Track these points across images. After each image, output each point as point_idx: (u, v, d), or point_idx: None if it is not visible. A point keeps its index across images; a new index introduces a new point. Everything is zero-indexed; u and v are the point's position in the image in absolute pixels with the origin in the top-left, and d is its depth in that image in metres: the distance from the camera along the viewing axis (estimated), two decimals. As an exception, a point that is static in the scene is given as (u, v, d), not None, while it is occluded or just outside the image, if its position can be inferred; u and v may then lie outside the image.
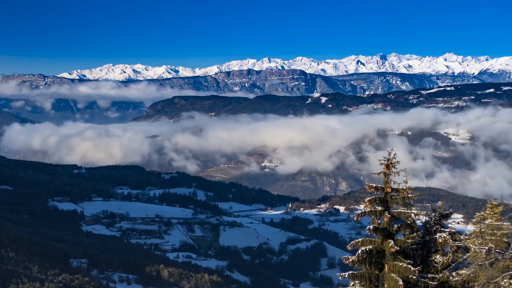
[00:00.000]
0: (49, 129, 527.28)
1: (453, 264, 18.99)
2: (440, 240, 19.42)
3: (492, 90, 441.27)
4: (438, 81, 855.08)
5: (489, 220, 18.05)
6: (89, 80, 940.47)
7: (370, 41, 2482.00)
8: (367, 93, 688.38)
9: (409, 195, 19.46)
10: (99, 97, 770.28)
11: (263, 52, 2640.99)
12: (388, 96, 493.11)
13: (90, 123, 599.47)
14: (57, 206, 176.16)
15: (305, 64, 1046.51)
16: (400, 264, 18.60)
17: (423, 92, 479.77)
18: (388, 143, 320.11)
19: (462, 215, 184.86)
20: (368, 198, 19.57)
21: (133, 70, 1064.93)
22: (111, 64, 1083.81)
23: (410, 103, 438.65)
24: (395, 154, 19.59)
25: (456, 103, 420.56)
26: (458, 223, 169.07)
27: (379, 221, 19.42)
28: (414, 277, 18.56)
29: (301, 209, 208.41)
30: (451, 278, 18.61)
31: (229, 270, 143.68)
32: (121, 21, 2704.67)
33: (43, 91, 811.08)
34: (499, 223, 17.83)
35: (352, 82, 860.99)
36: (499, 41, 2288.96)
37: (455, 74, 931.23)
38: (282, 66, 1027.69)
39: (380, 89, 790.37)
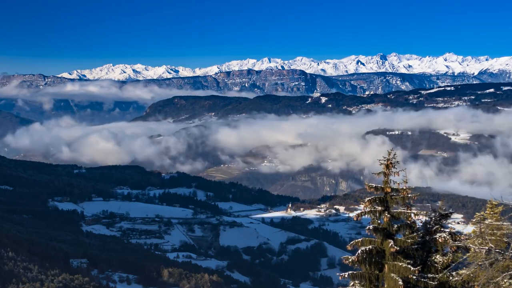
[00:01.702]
0: (49, 129, 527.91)
1: (453, 264, 18.98)
2: (440, 240, 19.41)
3: (492, 90, 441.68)
4: (438, 81, 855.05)
5: (489, 220, 18.04)
6: (89, 80, 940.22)
7: (370, 41, 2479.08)
8: (367, 93, 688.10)
9: (409, 195, 19.47)
10: (99, 97, 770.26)
11: (263, 52, 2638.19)
12: (388, 96, 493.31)
13: (90, 123, 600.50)
14: (57, 206, 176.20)
15: (305, 64, 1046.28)
16: (400, 264, 18.60)
17: (423, 92, 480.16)
18: (388, 143, 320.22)
19: (462, 215, 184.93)
20: (368, 198, 19.56)
21: (133, 70, 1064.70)
22: (111, 64, 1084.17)
23: (410, 103, 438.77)
24: (394, 154, 19.61)
25: (456, 103, 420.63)
26: (458, 223, 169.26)
27: (379, 221, 19.42)
28: (414, 277, 18.56)
29: (301, 209, 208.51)
30: (451, 278, 18.61)
31: (229, 270, 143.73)
32: (121, 21, 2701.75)
33: (43, 91, 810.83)
34: (499, 223, 17.82)
35: (352, 82, 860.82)
36: (499, 41, 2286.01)
37: (455, 74, 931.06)
38: (282, 66, 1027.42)
39: (380, 89, 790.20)
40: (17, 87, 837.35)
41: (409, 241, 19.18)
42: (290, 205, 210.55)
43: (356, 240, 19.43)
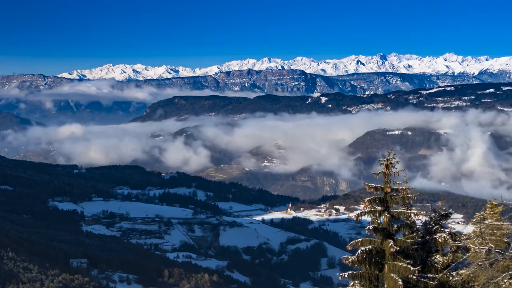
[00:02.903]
0: (49, 129, 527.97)
1: (453, 264, 18.97)
2: (440, 240, 19.40)
3: (492, 90, 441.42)
4: (438, 81, 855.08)
5: (489, 220, 18.03)
6: (89, 80, 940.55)
7: (370, 41, 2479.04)
8: (367, 93, 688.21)
9: (409, 195, 19.44)
10: (99, 97, 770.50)
11: (263, 52, 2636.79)
12: (388, 96, 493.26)
13: (90, 123, 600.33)
14: (57, 206, 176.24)
15: (305, 64, 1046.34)
16: (400, 264, 18.58)
17: (423, 92, 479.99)
18: (388, 143, 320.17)
19: (462, 215, 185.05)
20: (368, 198, 19.54)
21: (133, 70, 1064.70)
22: (111, 64, 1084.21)
23: (410, 103, 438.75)
24: (394, 154, 19.59)
25: (456, 103, 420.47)
26: (458, 223, 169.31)
27: (379, 221, 19.40)
28: (414, 277, 18.54)
29: (301, 209, 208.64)
30: (451, 278, 18.60)
31: (229, 270, 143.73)
32: (121, 21, 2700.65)
33: (43, 91, 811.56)
34: (499, 223, 17.81)
35: (352, 82, 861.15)
36: (499, 41, 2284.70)
37: (455, 74, 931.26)
38: (282, 66, 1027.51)
39: (380, 89, 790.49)
40: (17, 87, 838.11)
41: (409, 241, 19.17)
42: (290, 205, 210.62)
43: (356, 240, 19.41)
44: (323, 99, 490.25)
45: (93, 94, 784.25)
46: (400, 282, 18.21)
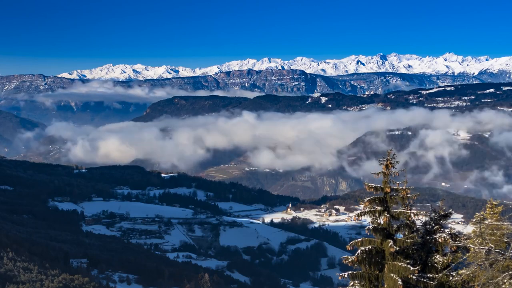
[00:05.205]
0: (49, 129, 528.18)
1: (453, 264, 18.97)
2: (440, 240, 19.40)
3: (492, 90, 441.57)
4: (438, 81, 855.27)
5: (489, 220, 18.04)
6: (89, 80, 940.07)
7: (370, 41, 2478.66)
8: (367, 93, 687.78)
9: (409, 195, 19.45)
10: (99, 97, 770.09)
11: (263, 52, 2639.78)
12: (388, 96, 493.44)
13: (90, 123, 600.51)
14: (57, 206, 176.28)
15: (305, 64, 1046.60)
16: (400, 264, 18.57)
17: (423, 92, 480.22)
18: (388, 143, 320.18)
19: (462, 215, 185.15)
20: (368, 198, 19.54)
21: (133, 70, 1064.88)
22: (111, 64, 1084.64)
23: (410, 103, 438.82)
24: (394, 154, 19.59)
25: (456, 103, 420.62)
26: (458, 223, 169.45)
27: (378, 221, 19.39)
28: (414, 277, 18.53)
29: (301, 209, 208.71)
30: (451, 278, 18.60)
31: (229, 270, 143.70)
32: (121, 21, 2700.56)
33: (43, 91, 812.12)
34: (499, 223, 17.81)
35: (352, 82, 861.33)
36: (499, 41, 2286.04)
37: (455, 74, 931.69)
38: (282, 66, 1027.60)
39: (380, 89, 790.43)
40: (17, 87, 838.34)
41: (409, 241, 19.16)
42: (290, 205, 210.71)
43: (356, 240, 19.41)
44: (323, 99, 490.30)
45: (93, 94, 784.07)
46: (400, 282, 18.20)
